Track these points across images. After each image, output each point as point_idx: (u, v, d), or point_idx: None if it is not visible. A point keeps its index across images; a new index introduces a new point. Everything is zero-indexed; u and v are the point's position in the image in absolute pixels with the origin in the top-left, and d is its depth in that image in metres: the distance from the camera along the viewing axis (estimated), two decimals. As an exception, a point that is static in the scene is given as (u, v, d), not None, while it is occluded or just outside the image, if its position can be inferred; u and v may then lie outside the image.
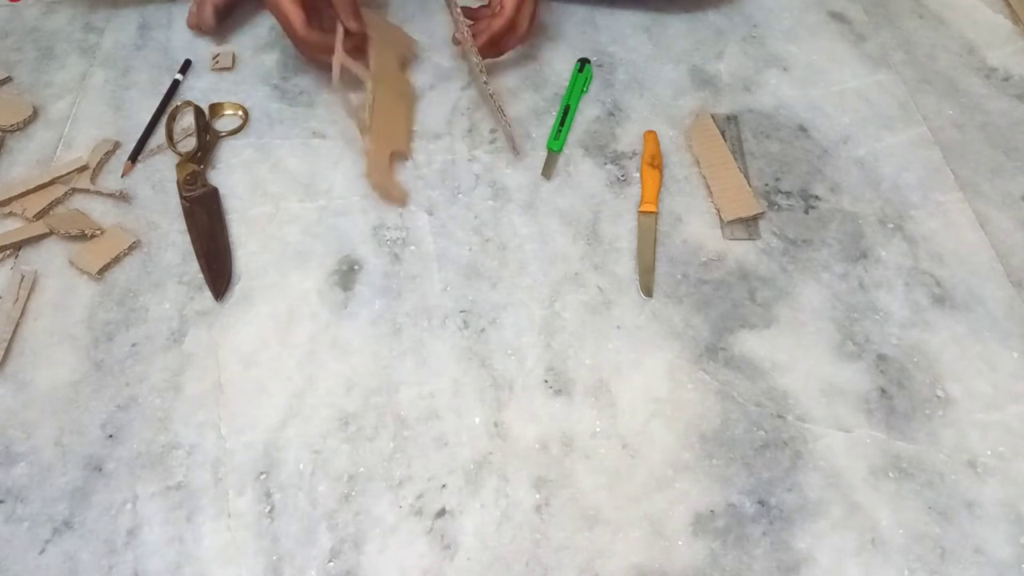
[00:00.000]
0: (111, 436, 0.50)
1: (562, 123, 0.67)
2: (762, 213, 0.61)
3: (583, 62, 0.72)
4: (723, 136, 0.65)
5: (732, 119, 0.67)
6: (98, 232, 0.59)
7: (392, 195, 0.62)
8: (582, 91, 0.70)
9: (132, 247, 0.59)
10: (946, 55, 0.74)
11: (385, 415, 0.51)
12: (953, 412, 0.51)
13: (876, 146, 0.66)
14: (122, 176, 0.64)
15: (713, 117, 0.67)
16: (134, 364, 0.54)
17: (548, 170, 0.64)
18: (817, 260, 0.59)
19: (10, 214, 0.61)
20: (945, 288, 0.57)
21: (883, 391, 0.52)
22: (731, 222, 0.60)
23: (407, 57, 0.72)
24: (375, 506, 0.48)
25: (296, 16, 0.61)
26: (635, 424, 0.51)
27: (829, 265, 0.59)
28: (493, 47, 0.67)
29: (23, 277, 0.57)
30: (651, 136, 0.66)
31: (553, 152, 0.65)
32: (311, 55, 0.65)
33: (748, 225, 0.60)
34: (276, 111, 0.69)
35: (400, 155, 0.65)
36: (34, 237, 0.59)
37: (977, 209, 0.62)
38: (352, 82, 0.63)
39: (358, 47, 0.65)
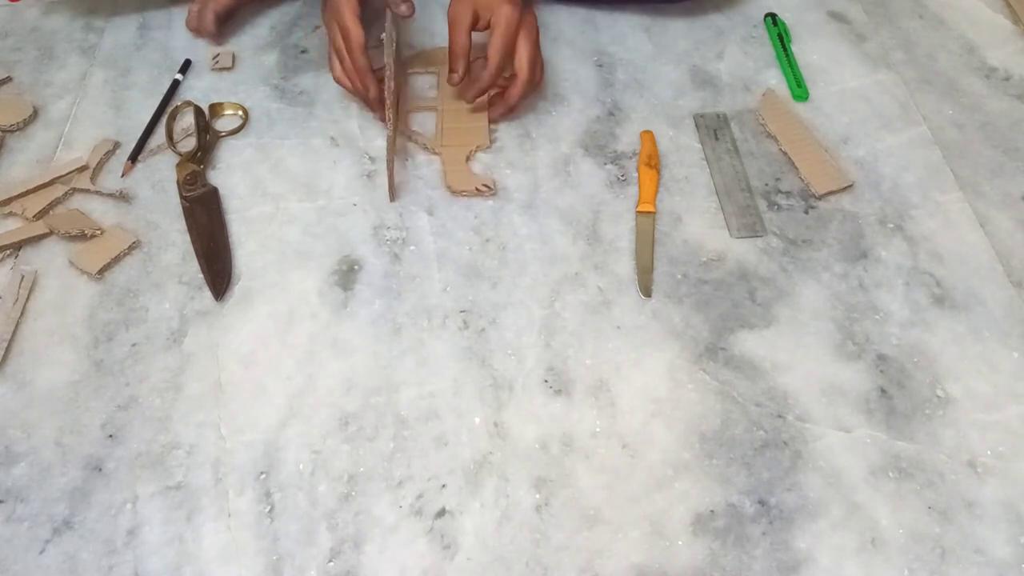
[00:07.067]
0: (111, 436, 0.50)
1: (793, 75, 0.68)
2: (851, 185, 0.62)
3: (771, 16, 0.73)
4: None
5: (722, 117, 0.68)
6: (98, 232, 0.59)
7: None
8: (788, 39, 0.71)
9: (132, 247, 0.59)
10: (946, 55, 0.74)
11: (385, 415, 0.51)
12: (953, 412, 0.51)
13: (876, 146, 0.66)
14: (122, 176, 0.64)
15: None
16: (134, 364, 0.54)
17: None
18: (817, 260, 0.59)
19: (10, 214, 0.61)
20: (945, 288, 0.57)
21: (883, 391, 0.52)
22: (738, 220, 0.60)
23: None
24: (375, 506, 0.48)
25: (357, 35, 0.59)
26: (635, 424, 0.51)
27: (829, 265, 0.59)
28: (510, 111, 0.66)
29: (23, 277, 0.57)
30: (648, 136, 0.66)
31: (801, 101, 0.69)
32: (354, 84, 0.63)
33: (754, 222, 0.60)
34: (276, 111, 0.69)
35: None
36: (34, 237, 0.59)
37: (977, 209, 0.62)
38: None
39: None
